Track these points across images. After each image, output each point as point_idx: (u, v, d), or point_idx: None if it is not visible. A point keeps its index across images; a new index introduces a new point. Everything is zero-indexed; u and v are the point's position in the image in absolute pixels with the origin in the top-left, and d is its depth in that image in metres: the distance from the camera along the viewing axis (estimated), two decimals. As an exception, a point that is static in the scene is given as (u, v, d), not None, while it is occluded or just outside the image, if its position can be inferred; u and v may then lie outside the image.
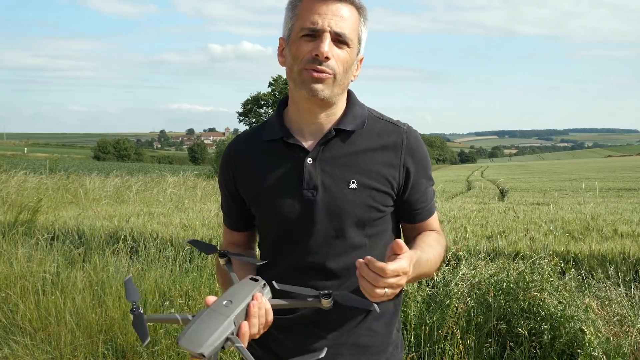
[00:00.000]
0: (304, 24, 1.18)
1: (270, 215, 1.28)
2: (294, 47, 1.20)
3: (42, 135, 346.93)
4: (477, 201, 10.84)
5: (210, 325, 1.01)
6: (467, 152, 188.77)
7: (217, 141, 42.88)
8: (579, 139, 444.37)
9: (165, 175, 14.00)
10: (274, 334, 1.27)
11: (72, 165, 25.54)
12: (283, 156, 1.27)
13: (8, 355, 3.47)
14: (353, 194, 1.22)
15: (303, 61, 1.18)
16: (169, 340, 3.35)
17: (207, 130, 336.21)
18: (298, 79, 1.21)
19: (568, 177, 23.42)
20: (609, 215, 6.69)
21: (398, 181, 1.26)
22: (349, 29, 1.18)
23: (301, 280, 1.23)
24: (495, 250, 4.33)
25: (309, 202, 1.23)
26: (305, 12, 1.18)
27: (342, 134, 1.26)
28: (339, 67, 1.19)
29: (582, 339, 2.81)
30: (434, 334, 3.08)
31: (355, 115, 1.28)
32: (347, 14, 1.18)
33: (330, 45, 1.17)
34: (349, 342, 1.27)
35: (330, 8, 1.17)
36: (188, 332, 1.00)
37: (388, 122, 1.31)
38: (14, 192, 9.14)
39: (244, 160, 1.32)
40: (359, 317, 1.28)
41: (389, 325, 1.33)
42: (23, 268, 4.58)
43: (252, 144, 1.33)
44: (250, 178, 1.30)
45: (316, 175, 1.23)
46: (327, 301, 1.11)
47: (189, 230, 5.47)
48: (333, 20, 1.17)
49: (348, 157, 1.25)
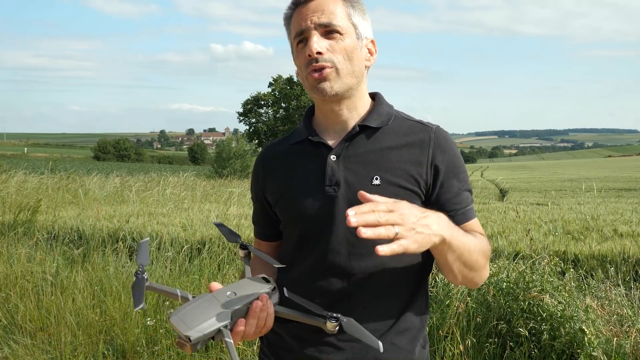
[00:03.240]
0: (294, 32, 1.21)
1: (293, 214, 1.25)
2: (296, 58, 1.23)
3: (42, 135, 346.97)
4: (477, 201, 10.84)
5: (206, 311, 0.97)
6: (467, 152, 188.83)
7: (217, 141, 42.85)
8: (579, 139, 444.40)
9: (165, 175, 13.99)
10: (289, 342, 1.23)
11: (72, 166, 25.54)
12: (308, 155, 1.26)
13: (8, 355, 3.47)
14: (376, 190, 1.16)
15: (304, 67, 1.19)
16: (169, 340, 3.35)
17: (207, 130, 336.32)
18: (307, 85, 1.21)
19: (568, 177, 23.42)
20: (608, 215, 6.69)
21: (425, 179, 1.20)
22: (336, 17, 1.18)
23: (320, 283, 1.19)
24: (495, 250, 4.33)
25: (330, 198, 1.20)
26: (294, 22, 1.21)
27: (366, 130, 1.23)
28: (338, 57, 1.17)
29: (582, 339, 2.81)
30: (434, 334, 3.08)
31: (380, 113, 1.25)
32: (330, 6, 1.18)
33: (319, 40, 1.17)
34: (369, 357, 1.19)
35: (310, 7, 1.18)
36: (182, 312, 0.96)
37: (416, 122, 1.27)
38: (14, 192, 9.14)
39: (271, 165, 1.32)
40: (382, 329, 1.19)
41: (414, 341, 1.23)
42: (23, 268, 4.58)
43: (281, 148, 1.33)
44: (277, 180, 1.29)
45: (339, 171, 1.20)
46: (333, 325, 1.05)
47: (188, 230, 5.47)
48: (315, 16, 1.17)
49: (372, 153, 1.21)
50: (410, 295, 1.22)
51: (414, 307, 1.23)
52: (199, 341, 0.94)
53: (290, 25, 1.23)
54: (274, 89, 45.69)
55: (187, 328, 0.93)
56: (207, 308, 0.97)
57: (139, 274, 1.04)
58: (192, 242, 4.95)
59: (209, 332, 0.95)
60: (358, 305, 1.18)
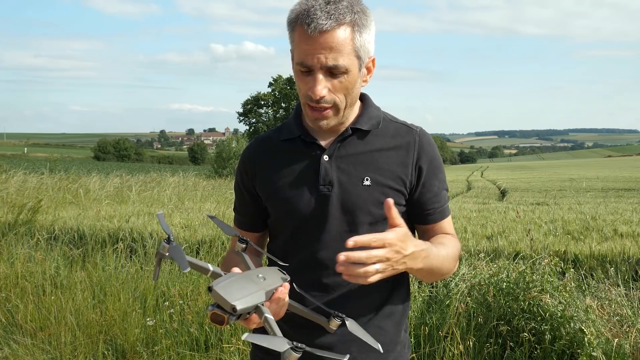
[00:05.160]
0: (298, 58, 1.18)
1: (286, 210, 1.30)
2: (296, 77, 1.24)
3: (42, 135, 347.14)
4: (477, 201, 10.85)
5: (247, 287, 0.98)
6: (467, 152, 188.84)
7: (217, 141, 43.05)
8: (579, 139, 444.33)
9: (165, 175, 13.99)
10: (281, 326, 1.27)
11: (72, 166, 25.55)
12: (300, 154, 1.30)
13: (8, 355, 3.47)
14: (367, 190, 1.25)
15: (303, 96, 1.22)
16: (169, 340, 3.35)
17: (207, 130, 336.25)
18: (304, 110, 1.26)
19: (568, 177, 23.42)
20: (608, 215, 6.70)
21: (410, 179, 1.28)
22: (343, 56, 1.16)
23: (312, 276, 1.26)
24: (495, 250, 4.34)
25: (324, 197, 1.26)
26: (299, 43, 1.18)
27: (358, 132, 1.29)
28: (339, 96, 1.20)
29: (582, 339, 2.81)
30: (434, 334, 3.08)
31: (371, 116, 1.31)
32: (338, 41, 1.15)
33: (323, 81, 1.17)
34: (358, 339, 1.25)
35: (319, 42, 1.14)
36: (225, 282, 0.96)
37: (402, 124, 1.34)
38: (14, 192, 9.15)
39: (262, 159, 1.35)
40: (370, 314, 1.29)
41: (398, 325, 1.34)
42: (23, 268, 4.59)
43: (271, 144, 1.36)
44: (269, 175, 1.33)
45: (332, 171, 1.26)
46: (336, 323, 1.10)
47: (188, 230, 5.47)
48: (323, 55, 1.14)
49: (363, 155, 1.28)
50: (394, 283, 1.30)
51: (397, 294, 1.33)
52: (241, 312, 0.95)
53: (295, 36, 1.19)
54: (274, 89, 45.72)
55: (234, 298, 0.94)
56: (245, 284, 0.99)
57: (172, 241, 1.05)
58: (192, 242, 4.96)
59: (251, 306, 0.97)
60: (350, 296, 1.26)
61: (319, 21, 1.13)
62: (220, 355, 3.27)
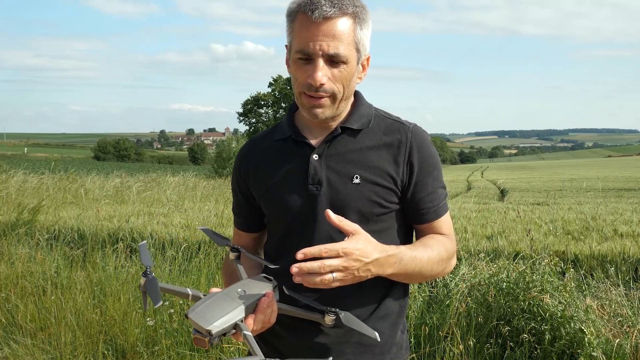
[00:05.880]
0: (298, 46, 1.18)
1: (278, 210, 1.30)
2: (293, 67, 1.23)
3: (42, 135, 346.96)
4: (477, 201, 10.85)
5: (223, 307, 1.00)
6: (467, 152, 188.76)
7: (217, 141, 43.12)
8: (579, 139, 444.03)
9: (165, 175, 13.99)
10: (277, 330, 1.28)
11: (72, 166, 25.54)
12: (291, 153, 1.30)
13: (8, 355, 3.47)
14: (356, 188, 1.24)
15: (300, 85, 1.21)
16: (169, 340, 3.35)
17: (207, 130, 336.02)
18: (299, 100, 1.24)
19: (569, 177, 23.41)
20: (608, 215, 6.69)
21: (402, 177, 1.26)
22: (344, 45, 1.17)
23: None
24: (495, 250, 4.34)
25: (313, 196, 1.25)
26: (300, 31, 1.18)
27: (347, 131, 1.28)
28: (337, 86, 1.20)
29: (582, 339, 2.81)
30: (434, 334, 3.08)
31: (362, 114, 1.30)
32: (340, 30, 1.16)
33: (324, 69, 1.17)
34: (353, 341, 1.27)
35: (322, 29, 1.15)
36: (200, 307, 0.99)
37: (395, 120, 1.32)
38: (14, 192, 9.15)
39: (256, 160, 1.36)
40: (364, 315, 1.27)
41: (394, 326, 1.32)
42: (24, 268, 4.59)
43: (264, 144, 1.37)
44: (262, 175, 1.33)
45: (321, 170, 1.26)
46: (331, 318, 1.11)
47: (188, 230, 5.47)
48: (325, 42, 1.15)
49: (353, 153, 1.27)
50: (390, 282, 1.28)
51: (393, 294, 1.31)
52: (218, 335, 0.98)
53: (295, 26, 1.20)
54: (274, 89, 45.69)
55: (208, 323, 0.97)
56: (222, 304, 1.01)
57: (149, 274, 1.07)
58: (192, 242, 4.95)
59: (228, 327, 0.99)
60: (342, 296, 1.24)
61: (324, 8, 1.14)
62: (220, 355, 3.27)
